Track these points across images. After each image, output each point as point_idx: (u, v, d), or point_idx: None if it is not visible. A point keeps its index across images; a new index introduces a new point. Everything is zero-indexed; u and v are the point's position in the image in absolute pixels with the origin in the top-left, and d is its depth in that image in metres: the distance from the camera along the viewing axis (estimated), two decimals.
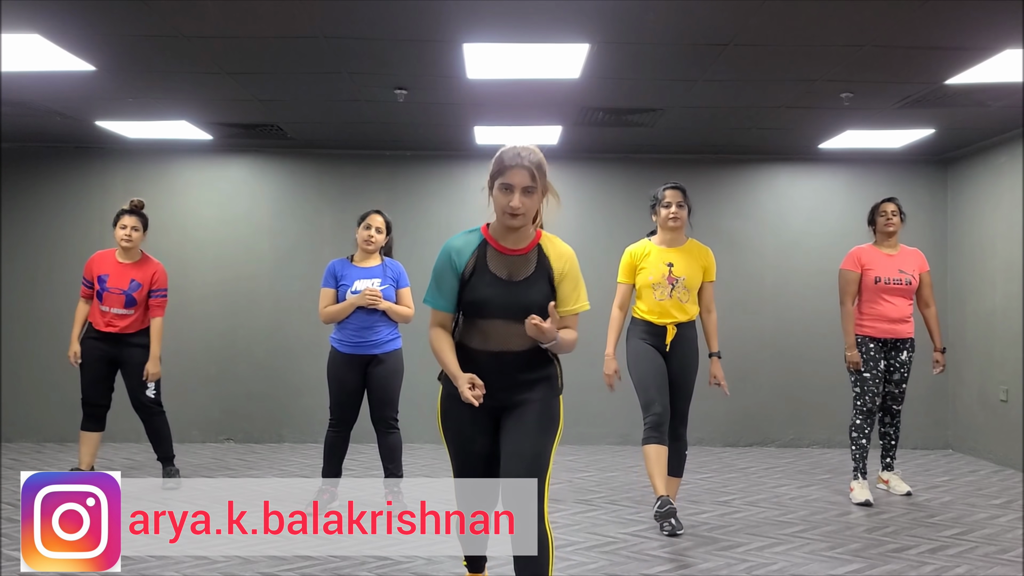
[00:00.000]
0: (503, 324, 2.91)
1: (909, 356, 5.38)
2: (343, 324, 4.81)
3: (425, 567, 3.93)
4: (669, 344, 4.57)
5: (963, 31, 4.29)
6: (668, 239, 4.64)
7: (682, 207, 4.57)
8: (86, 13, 4.13)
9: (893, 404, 5.43)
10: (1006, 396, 6.54)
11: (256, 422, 7.26)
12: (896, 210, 5.37)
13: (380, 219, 4.90)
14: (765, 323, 7.42)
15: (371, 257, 4.92)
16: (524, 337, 2.86)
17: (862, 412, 5.35)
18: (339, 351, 4.85)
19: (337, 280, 4.84)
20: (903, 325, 5.32)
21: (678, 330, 4.57)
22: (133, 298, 5.29)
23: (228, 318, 7.29)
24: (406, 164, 7.38)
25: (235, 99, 5.70)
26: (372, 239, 4.85)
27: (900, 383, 5.39)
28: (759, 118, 6.11)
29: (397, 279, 4.92)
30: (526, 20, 4.19)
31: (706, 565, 4.04)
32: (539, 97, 5.53)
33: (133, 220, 5.32)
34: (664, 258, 4.59)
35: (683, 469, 4.77)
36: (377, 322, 4.81)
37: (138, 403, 5.40)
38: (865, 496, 5.24)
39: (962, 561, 4.13)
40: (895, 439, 5.54)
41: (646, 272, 4.58)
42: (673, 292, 4.55)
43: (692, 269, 4.58)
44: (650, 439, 4.49)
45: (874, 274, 5.29)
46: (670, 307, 4.57)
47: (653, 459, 4.47)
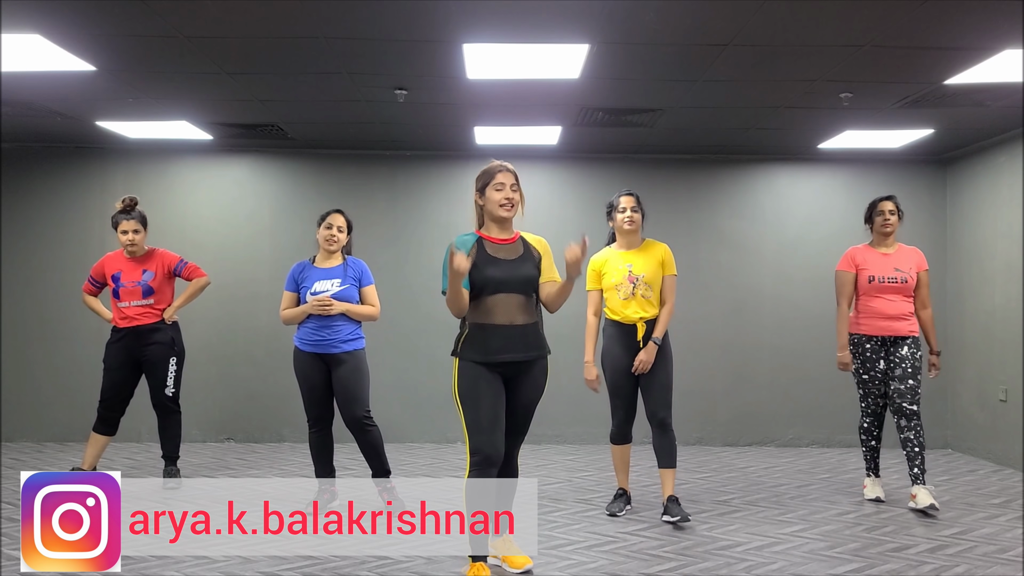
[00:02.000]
0: (505, 297, 3.71)
1: (911, 351, 5.13)
2: (303, 323, 4.85)
3: (425, 567, 3.93)
4: (642, 340, 4.79)
5: (963, 31, 4.29)
6: (626, 243, 4.92)
7: (636, 211, 4.86)
8: (86, 13, 4.13)
9: (903, 402, 5.04)
10: (1005, 396, 6.55)
11: (256, 422, 7.27)
12: (894, 209, 5.26)
13: (341, 218, 4.93)
14: (765, 323, 7.42)
15: (332, 257, 4.92)
16: (523, 311, 3.75)
17: (867, 414, 5.34)
18: (301, 350, 4.88)
19: (298, 283, 4.88)
20: (901, 322, 5.16)
21: (647, 327, 4.79)
22: (150, 287, 5.40)
23: (229, 318, 7.29)
24: (406, 164, 7.38)
25: (235, 99, 5.71)
26: (334, 238, 4.88)
27: (904, 378, 5.06)
28: (759, 118, 6.11)
29: (360, 278, 4.92)
30: (526, 20, 4.19)
31: (706, 565, 4.04)
32: (539, 97, 5.54)
33: (133, 224, 5.39)
34: (623, 260, 4.86)
35: (675, 459, 4.84)
36: (335, 321, 4.80)
37: (157, 400, 5.48)
38: (876, 494, 5.33)
39: (961, 561, 4.13)
40: (916, 445, 5.03)
41: (608, 276, 4.86)
42: (635, 290, 4.80)
43: (650, 266, 4.83)
44: (613, 439, 5.04)
45: (868, 273, 5.21)
46: (634, 304, 4.80)
47: (615, 458, 5.09)
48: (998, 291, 6.66)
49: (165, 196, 7.21)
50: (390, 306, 5.78)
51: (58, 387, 7.08)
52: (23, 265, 7.25)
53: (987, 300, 6.81)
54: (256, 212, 7.37)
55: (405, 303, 7.05)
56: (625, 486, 5.06)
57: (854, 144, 6.83)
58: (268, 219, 7.37)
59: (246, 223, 7.36)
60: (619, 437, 4.99)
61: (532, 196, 7.00)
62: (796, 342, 7.37)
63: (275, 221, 7.36)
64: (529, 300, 3.78)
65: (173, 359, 5.45)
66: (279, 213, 7.37)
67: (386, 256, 7.10)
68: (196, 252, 7.19)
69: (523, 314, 3.74)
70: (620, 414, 4.92)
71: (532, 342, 3.78)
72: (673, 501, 4.74)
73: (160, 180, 7.28)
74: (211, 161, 7.36)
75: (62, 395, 7.03)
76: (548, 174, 7.43)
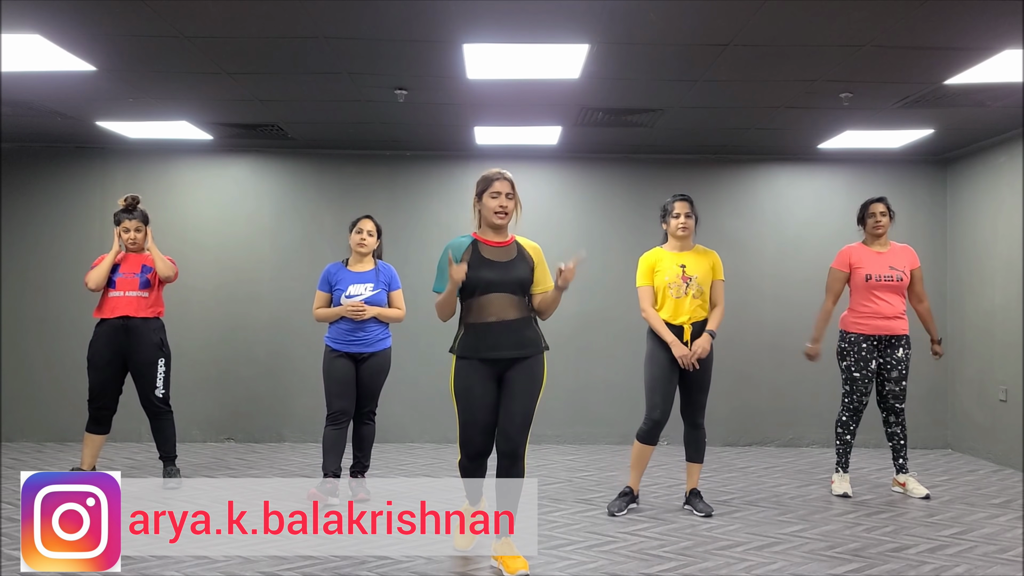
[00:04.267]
0: (498, 297, 3.83)
1: (905, 353, 5.38)
2: (335, 324, 5.08)
3: (425, 567, 3.94)
4: (689, 341, 4.86)
5: (963, 31, 4.29)
6: (678, 246, 4.98)
7: (690, 217, 4.92)
8: (86, 13, 4.13)
9: (896, 403, 5.41)
10: (1005, 396, 6.55)
11: (257, 422, 7.26)
12: (885, 211, 5.43)
13: (371, 223, 5.18)
14: (765, 323, 7.42)
15: (365, 261, 5.16)
16: (515, 308, 3.87)
17: (849, 409, 5.46)
18: (332, 348, 5.09)
19: (331, 285, 5.10)
20: (897, 321, 5.36)
21: (694, 328, 4.87)
22: (147, 279, 5.41)
23: (229, 318, 7.29)
24: (406, 164, 7.38)
25: (235, 99, 5.71)
26: (364, 242, 5.11)
27: (900, 380, 5.38)
28: (759, 118, 6.11)
29: (389, 282, 5.19)
30: (526, 20, 4.19)
31: (706, 565, 4.04)
32: (539, 97, 5.54)
33: (135, 223, 5.41)
34: (676, 260, 4.93)
35: (703, 456, 5.07)
36: (367, 323, 5.05)
37: (146, 402, 5.45)
38: (844, 489, 5.44)
39: (961, 561, 4.13)
40: (903, 439, 5.47)
41: (661, 274, 4.90)
42: (687, 290, 4.87)
43: (702, 268, 4.92)
44: (642, 437, 4.93)
45: (864, 272, 5.37)
46: (686, 304, 4.85)
47: (637, 455, 4.97)
48: (998, 291, 6.66)
49: (165, 196, 7.21)
50: None
51: (58, 387, 7.08)
52: (23, 265, 7.25)
53: (987, 300, 6.81)
54: (256, 212, 7.37)
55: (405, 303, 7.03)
56: (635, 486, 5.04)
57: (854, 144, 6.83)
58: (268, 219, 7.37)
59: (246, 223, 7.36)
60: (649, 437, 4.90)
61: (532, 196, 7.04)
62: (796, 342, 7.32)
63: (275, 221, 7.36)
64: (521, 300, 3.91)
65: (162, 360, 5.44)
66: (279, 213, 7.37)
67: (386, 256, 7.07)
68: (196, 252, 7.21)
69: (515, 310, 3.86)
70: (657, 415, 4.85)
71: (526, 338, 3.89)
72: (696, 495, 5.00)
73: (160, 180, 7.28)
74: (211, 161, 7.35)
75: (62, 395, 7.03)
76: (548, 174, 7.43)
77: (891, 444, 5.50)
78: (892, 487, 5.59)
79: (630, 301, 6.35)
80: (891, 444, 5.50)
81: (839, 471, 5.54)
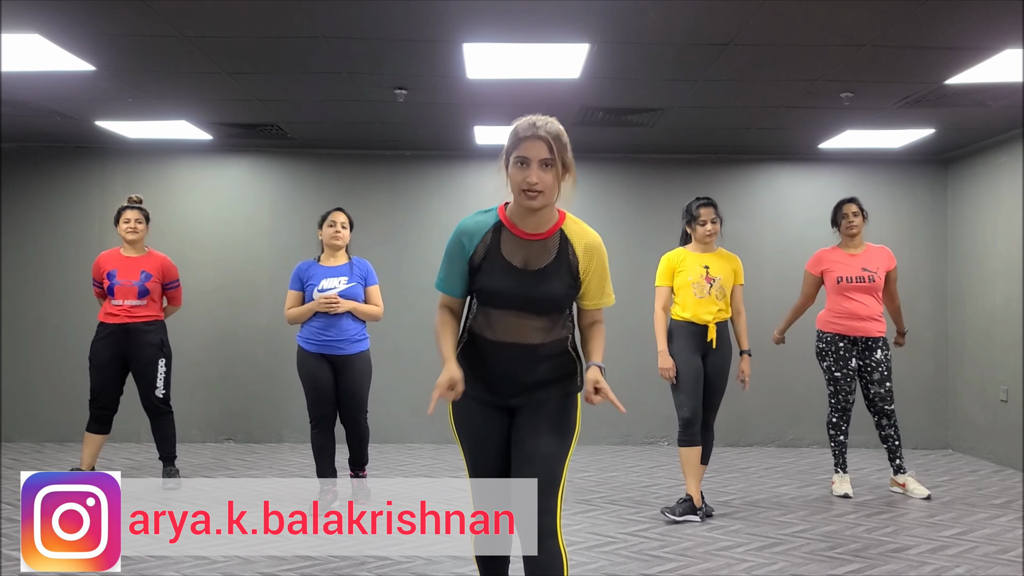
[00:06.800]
0: (516, 316, 2.62)
1: (884, 354, 5.41)
2: (308, 322, 4.88)
3: (425, 567, 3.93)
4: (713, 341, 4.87)
5: (963, 31, 4.29)
6: (702, 248, 5.02)
7: (715, 222, 4.96)
8: (86, 13, 4.13)
9: (884, 404, 5.40)
10: (1006, 396, 6.54)
11: (256, 422, 7.26)
12: (857, 211, 5.49)
13: (343, 215, 5.00)
14: (765, 323, 7.39)
15: (338, 255, 4.97)
16: (540, 330, 2.63)
17: (836, 409, 5.49)
18: (306, 350, 4.91)
19: (303, 282, 4.91)
20: (872, 323, 5.40)
21: (717, 328, 4.89)
22: (146, 288, 5.37)
23: (228, 318, 7.29)
24: (406, 164, 7.38)
25: (235, 99, 5.70)
26: (339, 235, 4.92)
27: (883, 382, 5.39)
28: (759, 118, 6.11)
29: (365, 277, 4.97)
30: (526, 20, 4.19)
31: (706, 565, 4.04)
32: (539, 97, 5.52)
33: (136, 214, 5.41)
34: (701, 261, 4.96)
35: (709, 458, 5.02)
36: (341, 320, 4.84)
37: (147, 402, 5.45)
38: (844, 490, 5.44)
39: (962, 561, 4.13)
40: (897, 439, 5.46)
41: (685, 273, 4.93)
42: (711, 290, 4.90)
43: (725, 271, 4.97)
44: (682, 441, 4.88)
45: (835, 275, 5.46)
46: (709, 304, 4.87)
47: (684, 460, 4.89)
48: (998, 291, 6.66)
49: (165, 196, 7.20)
50: (390, 306, 5.76)
51: (57, 387, 7.08)
52: (23, 265, 7.25)
53: (987, 300, 6.81)
54: (256, 212, 7.37)
55: (405, 303, 7.03)
56: (693, 494, 4.80)
57: (854, 144, 6.83)
58: (268, 219, 7.36)
59: (246, 223, 7.36)
60: (691, 438, 4.83)
61: None
62: (796, 343, 7.35)
63: (275, 221, 7.36)
64: (553, 319, 2.70)
65: (162, 360, 5.43)
66: (279, 213, 7.37)
67: (385, 256, 7.08)
68: (196, 252, 7.21)
69: (540, 333, 2.67)
70: (688, 414, 4.81)
71: (549, 375, 2.70)
72: None
73: (160, 180, 7.27)
74: (211, 161, 7.35)
75: (61, 395, 7.02)
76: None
77: (886, 446, 5.51)
78: (890, 487, 5.60)
79: (631, 301, 6.35)
80: (886, 446, 5.51)
81: (838, 472, 5.54)
